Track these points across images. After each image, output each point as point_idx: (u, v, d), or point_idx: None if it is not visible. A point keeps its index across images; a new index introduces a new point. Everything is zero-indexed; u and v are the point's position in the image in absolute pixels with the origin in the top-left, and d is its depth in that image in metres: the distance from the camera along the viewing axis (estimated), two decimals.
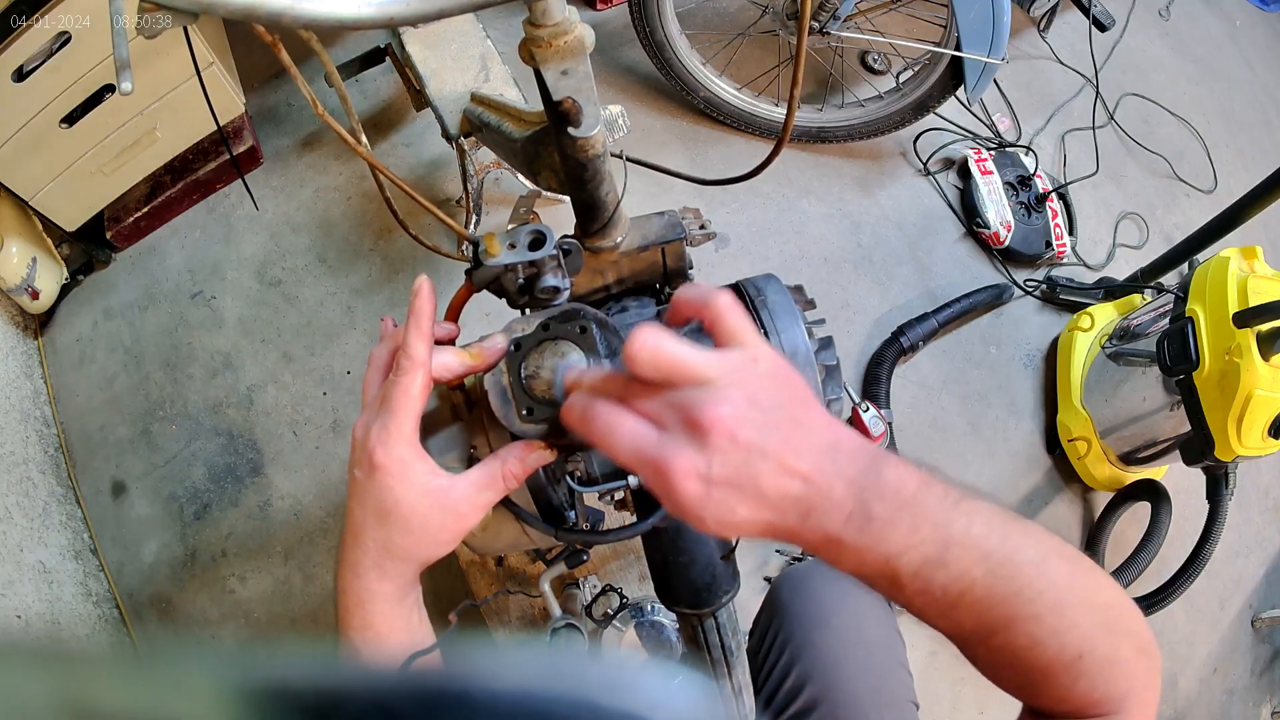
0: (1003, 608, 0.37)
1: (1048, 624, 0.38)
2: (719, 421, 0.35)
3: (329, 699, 0.19)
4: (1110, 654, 0.39)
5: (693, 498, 0.36)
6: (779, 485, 0.36)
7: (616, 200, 0.57)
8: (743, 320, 0.40)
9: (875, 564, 0.37)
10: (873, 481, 0.37)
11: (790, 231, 1.68)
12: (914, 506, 0.37)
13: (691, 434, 0.36)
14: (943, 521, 0.37)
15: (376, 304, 1.52)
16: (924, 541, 0.37)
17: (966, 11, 1.36)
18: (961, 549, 0.37)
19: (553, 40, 0.45)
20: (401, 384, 0.43)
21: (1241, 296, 1.20)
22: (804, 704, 0.72)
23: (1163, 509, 1.38)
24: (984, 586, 0.37)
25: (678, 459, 0.36)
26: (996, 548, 0.37)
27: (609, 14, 1.86)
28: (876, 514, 0.36)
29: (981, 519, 0.38)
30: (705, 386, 0.37)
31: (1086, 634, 0.38)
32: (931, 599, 0.38)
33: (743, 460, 0.36)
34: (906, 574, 0.37)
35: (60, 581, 1.25)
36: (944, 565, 0.37)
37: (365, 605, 0.45)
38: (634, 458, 0.37)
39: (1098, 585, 0.40)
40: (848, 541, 0.37)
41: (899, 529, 0.36)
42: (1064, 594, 0.38)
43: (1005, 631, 0.38)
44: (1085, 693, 0.39)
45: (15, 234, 1.37)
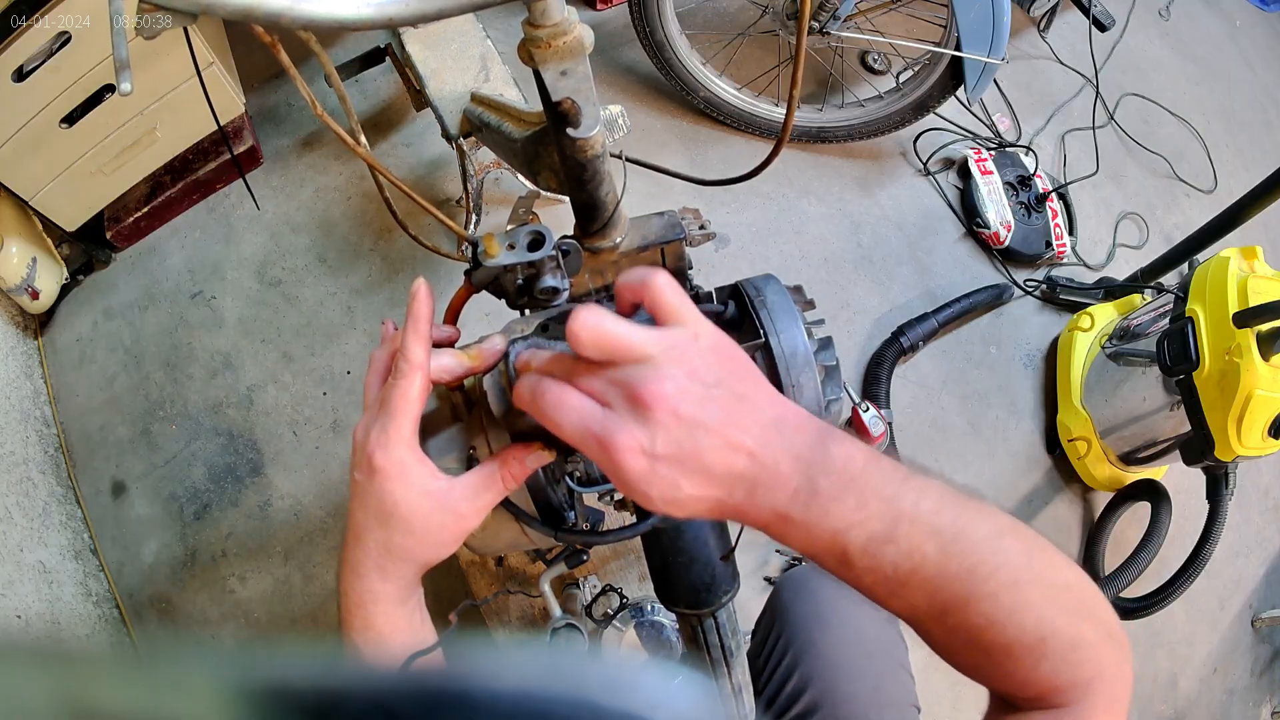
0: (956, 585, 0.37)
1: (1004, 603, 0.37)
2: (660, 397, 0.36)
3: (329, 699, 0.19)
4: (1074, 637, 0.38)
5: (637, 473, 0.36)
6: (723, 460, 0.36)
7: (616, 200, 0.57)
8: (681, 298, 0.40)
9: (824, 540, 0.37)
10: (819, 456, 0.37)
11: (790, 231, 1.68)
12: (861, 481, 0.37)
13: (635, 410, 0.36)
14: (891, 496, 0.37)
15: (376, 304, 1.52)
16: (872, 517, 0.36)
17: (966, 11, 1.36)
18: (911, 524, 0.36)
19: (552, 40, 0.45)
20: (400, 387, 0.43)
21: (1241, 296, 1.20)
22: (805, 706, 0.72)
23: (1163, 509, 1.38)
24: (935, 563, 0.36)
25: (620, 435, 0.36)
26: (948, 523, 0.37)
27: (609, 14, 1.86)
28: (822, 489, 0.36)
29: (932, 495, 0.37)
30: (647, 363, 0.37)
31: (1046, 615, 0.37)
32: (882, 576, 0.37)
33: (685, 435, 0.36)
34: (855, 550, 0.37)
35: (60, 581, 1.25)
36: (893, 541, 0.36)
37: (367, 606, 0.45)
38: (579, 434, 0.37)
39: (1055, 566, 0.39)
40: (795, 517, 0.37)
41: (846, 504, 0.36)
42: (1020, 573, 0.37)
43: (960, 610, 0.37)
44: (1049, 677, 0.38)
45: (15, 234, 1.37)
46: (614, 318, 0.38)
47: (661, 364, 0.37)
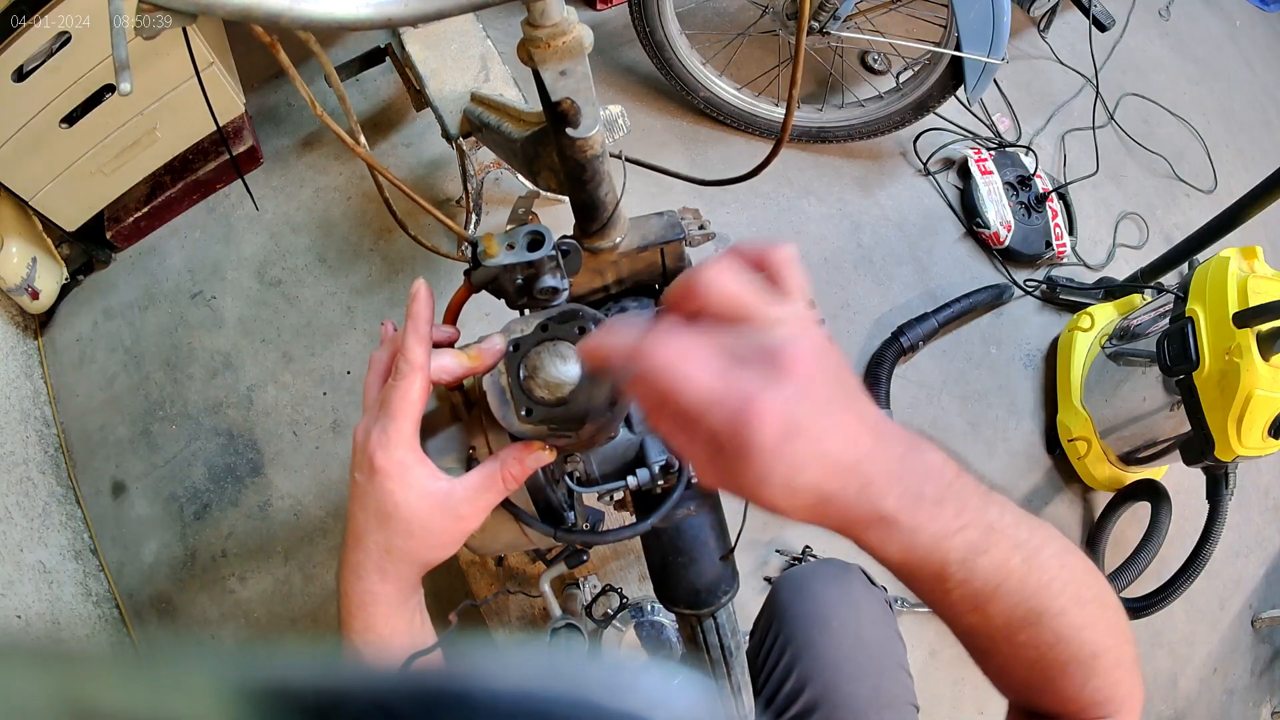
0: (1034, 600, 0.37)
1: (1072, 619, 0.37)
2: (802, 359, 0.31)
3: (329, 699, 0.19)
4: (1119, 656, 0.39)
5: (770, 446, 0.30)
6: (847, 447, 0.32)
7: (616, 200, 0.57)
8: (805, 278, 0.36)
9: (924, 548, 0.34)
10: (918, 459, 0.35)
11: (790, 231, 1.68)
12: (957, 489, 0.35)
13: (770, 367, 0.31)
14: (980, 507, 0.36)
15: (376, 304, 1.52)
16: (969, 526, 0.35)
17: (966, 11, 1.36)
18: (1000, 536, 0.36)
19: (551, 41, 0.45)
20: (400, 388, 0.43)
21: (1241, 296, 1.20)
22: (804, 705, 0.72)
23: (1163, 509, 1.38)
24: (1019, 577, 0.36)
25: (765, 394, 0.30)
26: (1026, 538, 0.37)
27: (609, 14, 1.86)
28: (927, 494, 0.34)
29: (1010, 509, 0.37)
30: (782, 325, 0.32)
31: (1102, 633, 0.38)
32: (971, 590, 0.36)
33: (819, 410, 0.31)
34: (955, 560, 0.35)
35: (60, 581, 1.25)
36: (987, 552, 0.35)
37: (367, 607, 0.45)
38: (707, 394, 0.31)
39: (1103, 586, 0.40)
40: (902, 521, 0.33)
41: (947, 510, 0.34)
42: (1083, 590, 0.38)
43: (1033, 626, 0.37)
44: (1094, 692, 0.39)
45: (15, 234, 1.37)
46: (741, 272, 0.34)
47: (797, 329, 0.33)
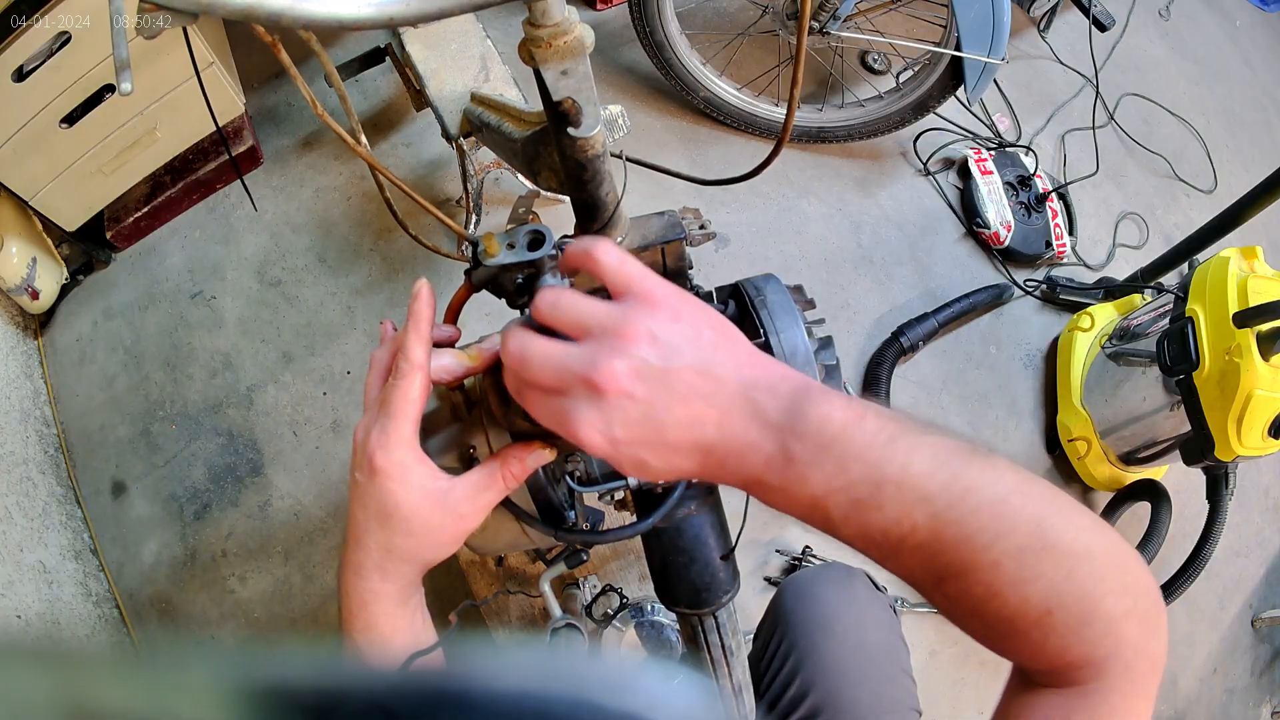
0: (952, 553, 0.34)
1: (1006, 572, 0.34)
2: (613, 378, 0.35)
3: (329, 699, 0.19)
4: (1086, 611, 0.34)
5: (603, 454, 0.36)
6: (687, 435, 0.35)
7: (616, 200, 0.57)
8: (629, 265, 0.38)
9: (802, 505, 0.36)
10: (792, 421, 0.35)
11: (790, 231, 1.68)
12: (841, 445, 0.34)
13: (590, 394, 0.35)
14: (876, 460, 0.34)
15: (376, 304, 1.52)
16: (854, 482, 0.34)
17: (966, 11, 1.36)
18: (897, 489, 0.34)
19: (552, 40, 0.45)
20: (400, 388, 0.43)
21: (1241, 296, 1.20)
22: (807, 710, 0.72)
23: (1163, 509, 1.38)
24: (928, 529, 0.34)
25: (581, 422, 0.35)
26: (943, 487, 0.34)
27: (609, 14, 1.86)
28: (797, 455, 0.35)
29: (924, 455, 0.34)
30: (599, 341, 0.36)
31: (1055, 586, 0.34)
32: (871, 542, 0.36)
33: (644, 415, 0.35)
34: (837, 516, 0.35)
35: (60, 581, 1.25)
36: (878, 508, 0.34)
37: (368, 607, 0.45)
38: (550, 422, 0.37)
39: (1075, 529, 0.35)
40: (771, 483, 0.36)
41: (822, 470, 0.34)
42: (1029, 539, 0.34)
43: (959, 579, 0.35)
44: (1057, 651, 0.35)
45: (15, 234, 1.37)
46: (573, 294, 0.38)
47: (613, 340, 0.35)
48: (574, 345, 0.37)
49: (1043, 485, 0.36)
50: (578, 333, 0.37)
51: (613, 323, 0.36)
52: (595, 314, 0.37)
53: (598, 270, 0.38)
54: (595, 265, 0.38)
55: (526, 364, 0.37)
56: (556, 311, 0.38)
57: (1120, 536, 0.38)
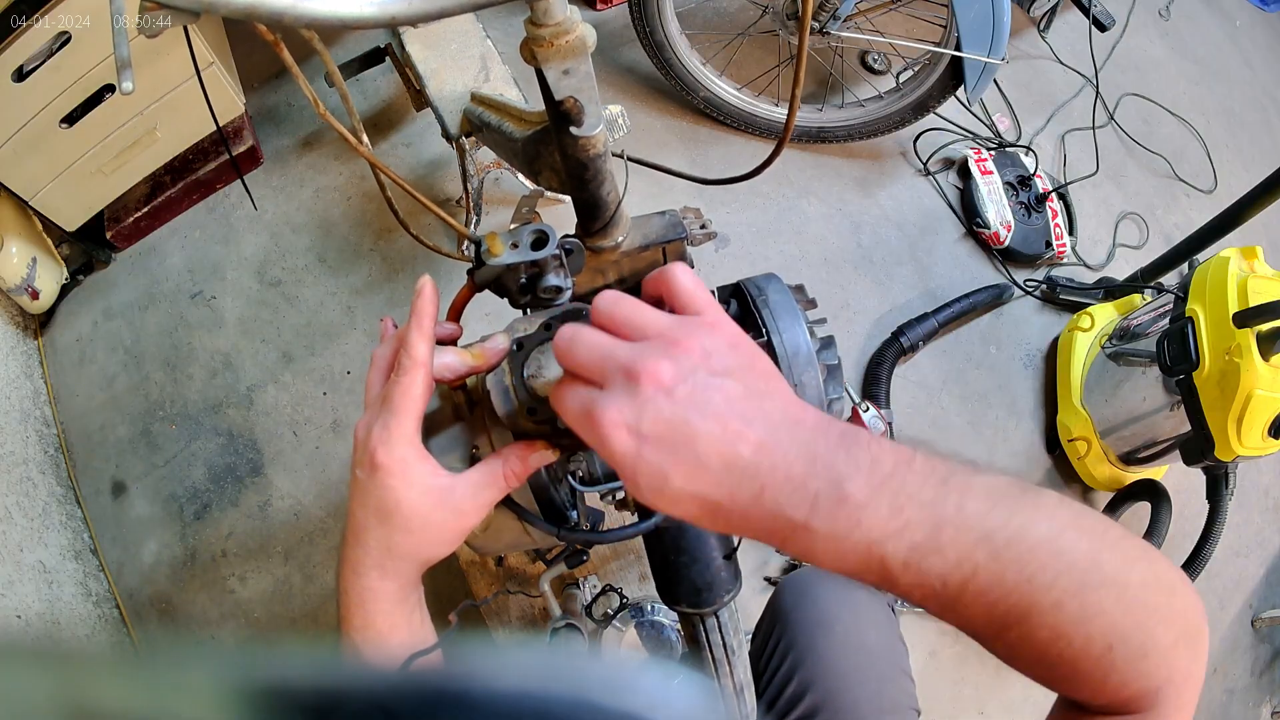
0: (1015, 596, 0.33)
1: (1069, 611, 0.33)
2: (653, 372, 0.33)
3: (329, 699, 0.19)
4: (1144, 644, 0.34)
5: (621, 452, 0.33)
6: (722, 450, 0.32)
7: (618, 200, 0.57)
8: (697, 286, 0.38)
9: (857, 554, 0.33)
10: (843, 458, 0.32)
11: (790, 231, 1.68)
12: (895, 485, 0.32)
13: (626, 384, 0.33)
14: (930, 500, 0.32)
15: (377, 304, 1.52)
16: (911, 525, 0.32)
17: (966, 11, 1.36)
18: (956, 530, 0.32)
19: (554, 40, 0.45)
20: (402, 384, 0.43)
21: (1241, 296, 1.20)
22: (806, 710, 0.72)
23: (1163, 509, 1.38)
24: (990, 573, 0.32)
25: (606, 408, 0.33)
26: (999, 526, 0.32)
27: (609, 14, 1.86)
28: (850, 494, 0.32)
29: (978, 495, 0.33)
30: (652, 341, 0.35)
31: (1116, 621, 0.33)
32: (931, 591, 0.33)
33: (678, 417, 0.32)
34: (896, 564, 0.32)
35: (60, 581, 1.25)
36: (938, 551, 0.32)
37: (367, 605, 0.45)
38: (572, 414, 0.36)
39: (1129, 561, 0.34)
40: (818, 528, 0.32)
41: (878, 512, 0.32)
42: (1087, 575, 0.33)
43: (1022, 624, 0.33)
44: (1117, 688, 0.35)
45: (15, 234, 1.37)
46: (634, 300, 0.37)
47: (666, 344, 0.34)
48: (624, 341, 0.36)
49: (1093, 517, 0.35)
50: (633, 334, 0.36)
51: (671, 330, 0.35)
52: (655, 321, 0.36)
53: (670, 288, 0.38)
54: (669, 284, 0.38)
55: (573, 348, 0.36)
56: (616, 310, 0.37)
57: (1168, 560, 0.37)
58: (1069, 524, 0.34)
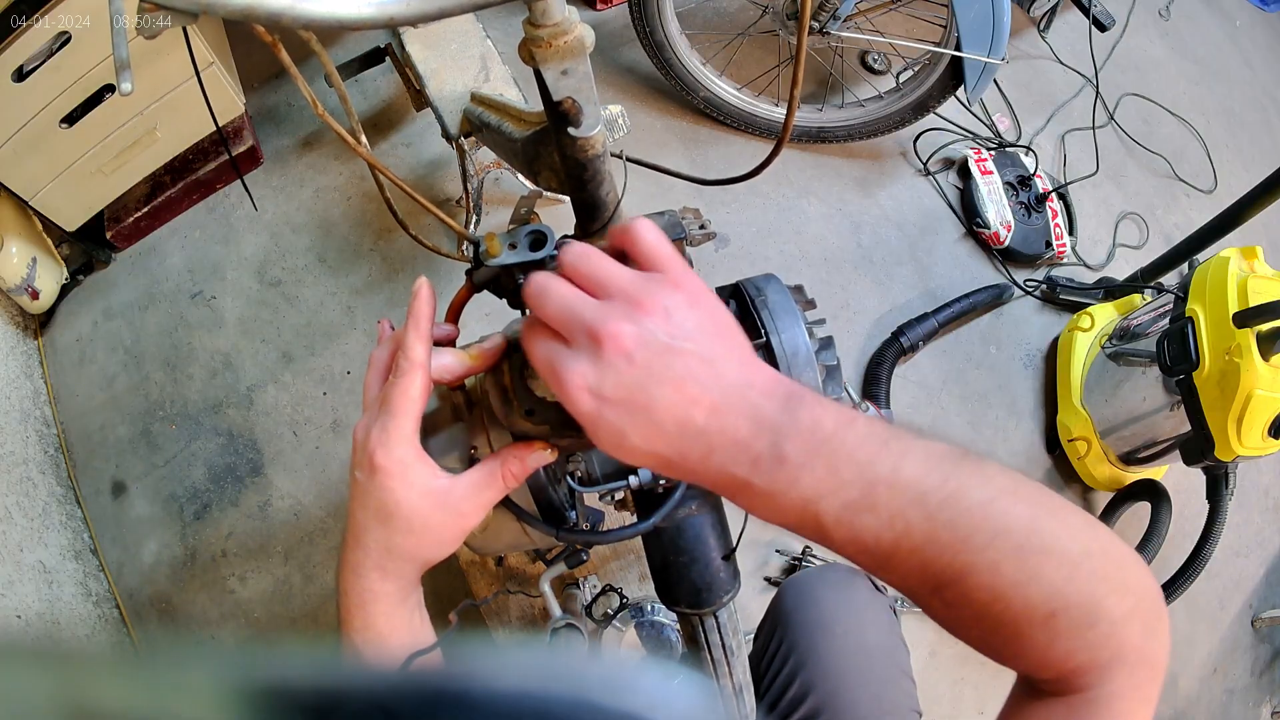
0: (948, 555, 0.34)
1: (1006, 573, 0.33)
2: (615, 337, 0.35)
3: (329, 699, 0.19)
4: (1091, 612, 0.34)
5: (584, 410, 0.35)
6: (676, 415, 0.35)
7: (617, 200, 0.57)
8: (661, 243, 0.38)
9: (793, 510, 0.35)
10: (786, 420, 0.34)
11: (790, 231, 1.68)
12: (833, 446, 0.34)
13: (590, 346, 0.35)
14: (867, 460, 0.34)
15: (376, 304, 1.52)
16: (846, 484, 0.34)
17: (966, 11, 1.36)
18: (889, 490, 0.34)
19: (552, 40, 0.45)
20: (401, 385, 0.43)
21: (1241, 296, 1.20)
22: (807, 712, 0.72)
23: (1163, 509, 1.38)
24: (923, 532, 0.34)
25: (570, 370, 0.35)
26: (934, 488, 0.34)
27: (609, 14, 1.86)
28: (789, 455, 0.34)
29: (916, 458, 0.34)
30: (614, 301, 0.36)
31: (1058, 588, 0.34)
32: (864, 547, 0.35)
33: (637, 382, 0.35)
34: (829, 520, 0.34)
35: (60, 581, 1.25)
36: (871, 510, 0.34)
37: (367, 606, 0.45)
38: (541, 366, 0.37)
39: (1071, 529, 0.35)
40: (757, 485, 0.35)
41: (814, 471, 0.34)
42: (1026, 539, 0.34)
43: (958, 583, 0.34)
44: (1064, 656, 0.35)
45: (15, 234, 1.37)
46: (600, 253, 0.38)
47: (628, 305, 0.36)
48: (591, 299, 0.37)
49: (1034, 486, 0.36)
50: (598, 290, 0.37)
51: (634, 289, 0.36)
52: (618, 277, 0.37)
53: (633, 243, 0.39)
54: (632, 239, 0.39)
55: (543, 297, 0.37)
56: (581, 263, 0.38)
57: (1117, 536, 0.37)
58: (1006, 489, 0.35)
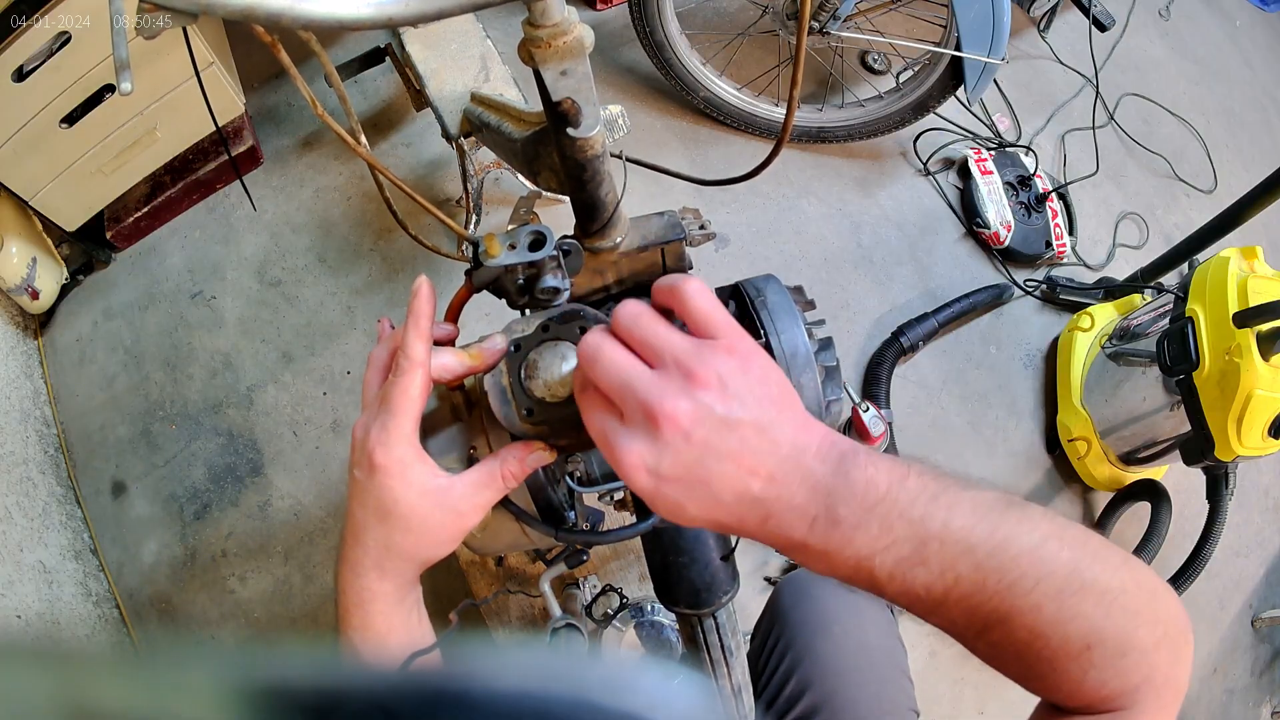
0: (995, 601, 0.35)
1: (1047, 614, 0.35)
2: (673, 416, 0.35)
3: (329, 699, 0.19)
4: (1122, 644, 0.36)
5: (643, 487, 0.36)
6: (734, 488, 0.35)
7: (616, 200, 0.57)
8: (714, 306, 0.38)
9: (847, 566, 0.36)
10: (840, 484, 0.35)
11: (790, 231, 1.68)
12: (886, 506, 0.35)
13: (646, 425, 0.35)
14: (919, 518, 0.35)
15: (376, 304, 1.52)
16: (898, 541, 0.35)
17: (966, 11, 1.36)
18: (940, 544, 0.35)
19: (552, 40, 0.45)
20: (400, 384, 0.43)
21: (1241, 296, 1.20)
22: (804, 709, 0.72)
23: (1163, 509, 1.38)
24: (972, 582, 0.35)
25: (627, 450, 0.36)
26: (983, 539, 0.35)
27: (609, 14, 1.86)
28: (843, 518, 0.35)
29: (965, 510, 0.36)
30: (669, 375, 0.36)
31: (1094, 624, 0.36)
32: (915, 598, 0.36)
33: (695, 459, 0.35)
34: (883, 575, 0.36)
35: (60, 581, 1.25)
36: (923, 563, 0.35)
37: (365, 605, 0.45)
38: (597, 440, 0.38)
39: (1109, 568, 0.37)
40: (814, 546, 0.36)
41: (868, 531, 0.35)
42: (1067, 581, 0.36)
43: (1002, 625, 0.36)
44: (1095, 686, 0.37)
45: (15, 234, 1.37)
46: (655, 316, 0.37)
47: (683, 379, 0.36)
48: (645, 368, 0.37)
49: (1076, 529, 0.38)
50: (651, 356, 0.37)
51: (687, 358, 0.36)
52: (672, 344, 0.37)
53: (682, 305, 0.38)
54: (680, 301, 0.38)
55: (595, 362, 0.37)
56: (635, 327, 0.37)
57: (1151, 570, 0.39)
58: (1051, 535, 0.36)
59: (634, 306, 0.38)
